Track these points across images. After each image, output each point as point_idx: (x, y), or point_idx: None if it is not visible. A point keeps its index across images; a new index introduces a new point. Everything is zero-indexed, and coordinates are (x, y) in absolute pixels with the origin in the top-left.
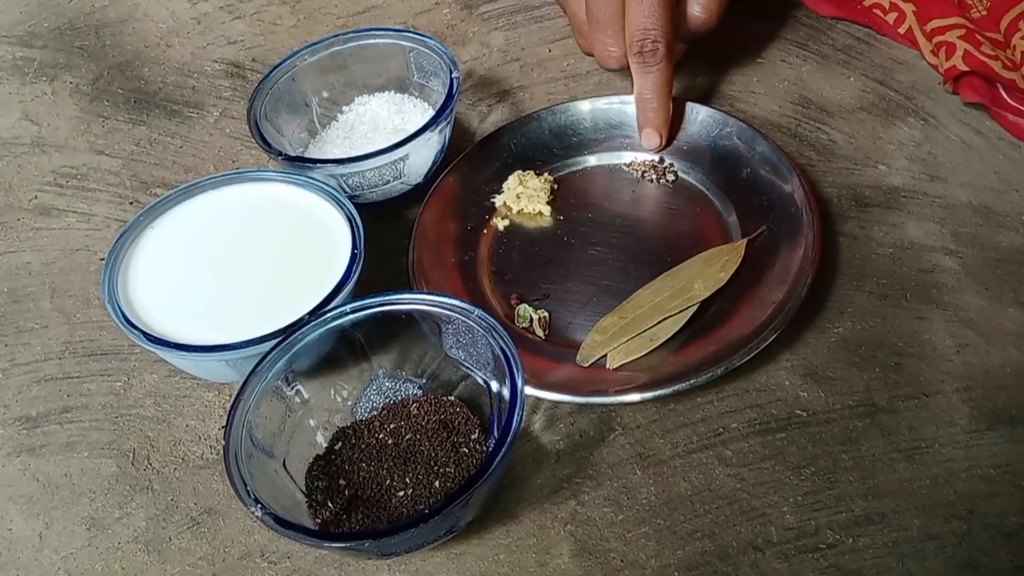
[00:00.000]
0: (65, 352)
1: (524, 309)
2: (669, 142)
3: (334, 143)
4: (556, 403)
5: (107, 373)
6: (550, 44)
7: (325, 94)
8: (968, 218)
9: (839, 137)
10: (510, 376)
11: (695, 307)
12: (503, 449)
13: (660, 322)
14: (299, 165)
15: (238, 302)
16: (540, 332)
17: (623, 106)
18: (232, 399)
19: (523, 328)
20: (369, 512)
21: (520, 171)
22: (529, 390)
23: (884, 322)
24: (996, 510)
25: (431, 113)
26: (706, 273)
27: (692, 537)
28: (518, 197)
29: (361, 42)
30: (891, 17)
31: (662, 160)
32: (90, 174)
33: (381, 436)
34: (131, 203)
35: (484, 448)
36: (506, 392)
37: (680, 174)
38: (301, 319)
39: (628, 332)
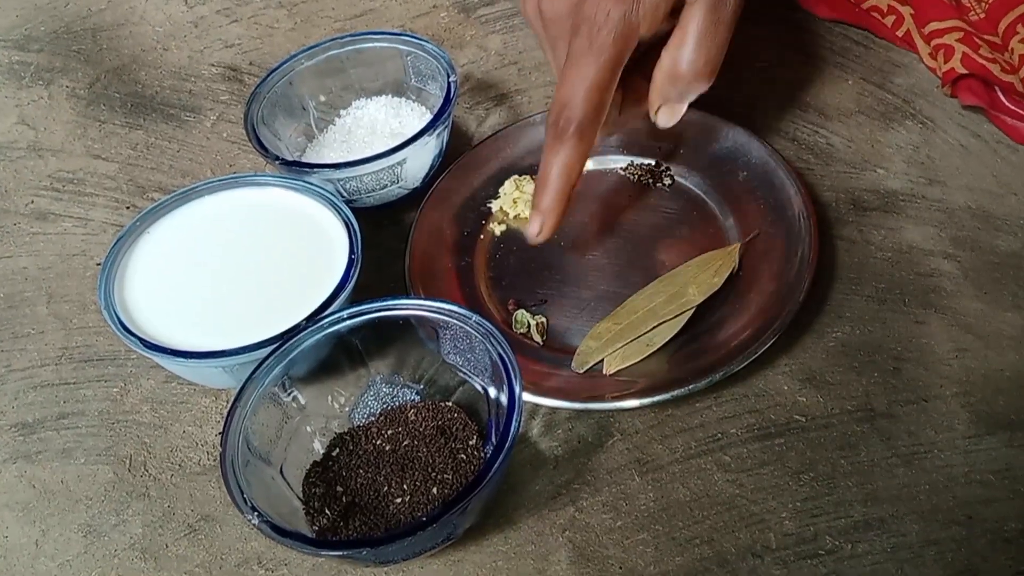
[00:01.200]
0: (61, 358)
1: (522, 315)
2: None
3: (331, 147)
4: (554, 409)
5: (104, 379)
6: None
7: (322, 98)
8: (967, 222)
9: (837, 141)
10: (508, 382)
11: (690, 312)
12: (501, 455)
13: (655, 327)
14: (296, 170)
15: (235, 307)
16: (538, 338)
17: None
18: (228, 406)
19: (521, 334)
20: (367, 519)
21: (517, 176)
22: (527, 396)
23: (883, 326)
24: (995, 515)
25: (428, 117)
26: (700, 278)
27: (691, 543)
28: (515, 202)
29: (358, 46)
30: (889, 20)
31: (659, 164)
32: (87, 179)
33: (379, 442)
34: (128, 208)
35: (482, 454)
36: (504, 398)
37: (677, 178)
38: (298, 325)
39: (623, 338)
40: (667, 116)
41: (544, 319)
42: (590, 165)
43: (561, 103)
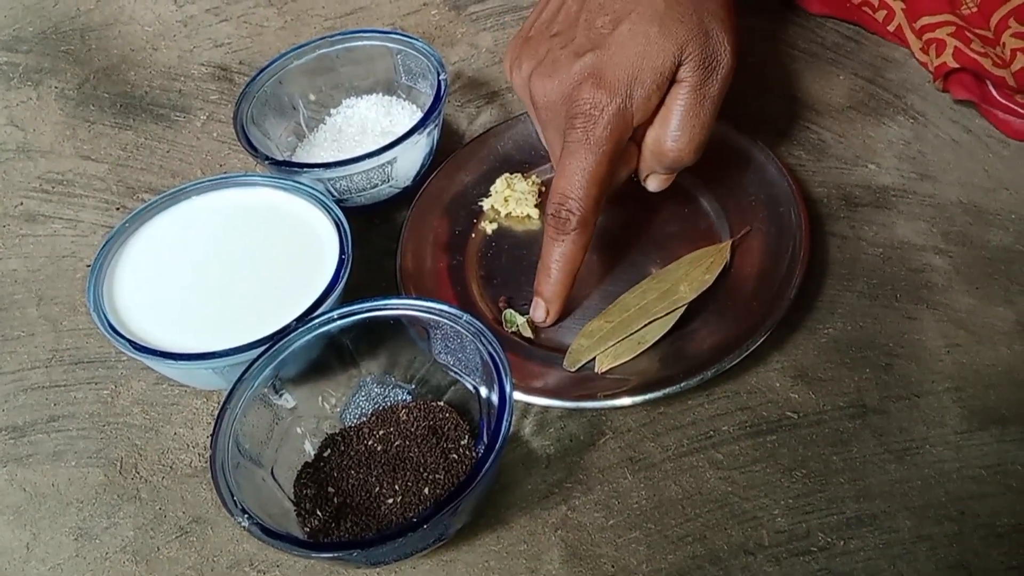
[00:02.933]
0: (52, 360)
1: (511, 314)
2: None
3: (322, 146)
4: (546, 407)
5: (94, 381)
6: None
7: (312, 97)
8: (958, 217)
9: (828, 136)
10: (498, 381)
11: (682, 309)
12: (492, 455)
13: (646, 325)
14: (286, 169)
15: (225, 309)
16: (528, 334)
17: None
18: (219, 408)
19: (512, 333)
20: (358, 520)
21: (508, 174)
22: (518, 395)
23: (874, 322)
24: (987, 510)
25: (419, 115)
26: (691, 275)
27: (683, 541)
28: (506, 200)
29: (348, 44)
30: (880, 15)
31: None
32: (76, 180)
33: (370, 443)
34: (118, 209)
35: (474, 454)
36: (495, 397)
37: None
38: (288, 325)
39: (615, 336)
40: (656, 184)
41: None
42: None
43: (561, 196)
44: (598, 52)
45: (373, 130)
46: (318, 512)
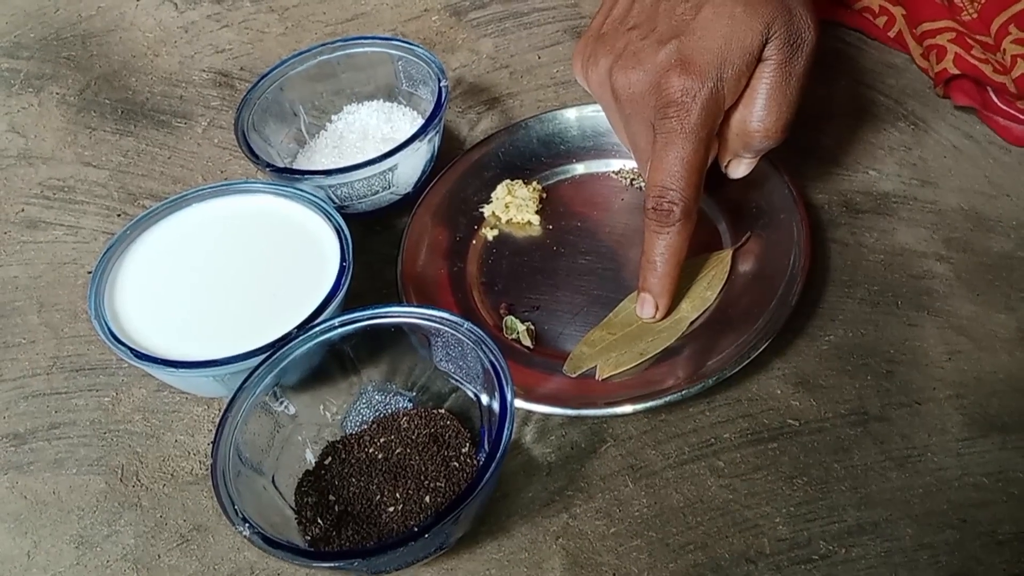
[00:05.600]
0: (53, 367)
1: (511, 321)
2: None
3: (323, 153)
4: (547, 415)
5: (95, 388)
6: (539, 51)
7: (313, 103)
8: (959, 223)
9: (829, 142)
10: (499, 389)
11: (684, 326)
12: (493, 463)
13: (650, 340)
14: (287, 176)
15: (226, 316)
16: (528, 342)
17: None
18: (219, 415)
19: (512, 340)
20: (359, 528)
21: (508, 180)
22: (520, 403)
23: (875, 329)
24: (989, 518)
25: (420, 121)
26: (693, 292)
27: (684, 550)
28: (507, 207)
29: (349, 51)
30: (881, 21)
31: None
32: (77, 186)
33: (371, 450)
34: (119, 215)
35: (475, 462)
36: (496, 405)
37: None
38: (289, 333)
39: (616, 348)
40: (738, 169)
41: (532, 325)
42: (580, 169)
43: (660, 188)
44: (683, 38)
45: (374, 137)
46: (319, 520)
